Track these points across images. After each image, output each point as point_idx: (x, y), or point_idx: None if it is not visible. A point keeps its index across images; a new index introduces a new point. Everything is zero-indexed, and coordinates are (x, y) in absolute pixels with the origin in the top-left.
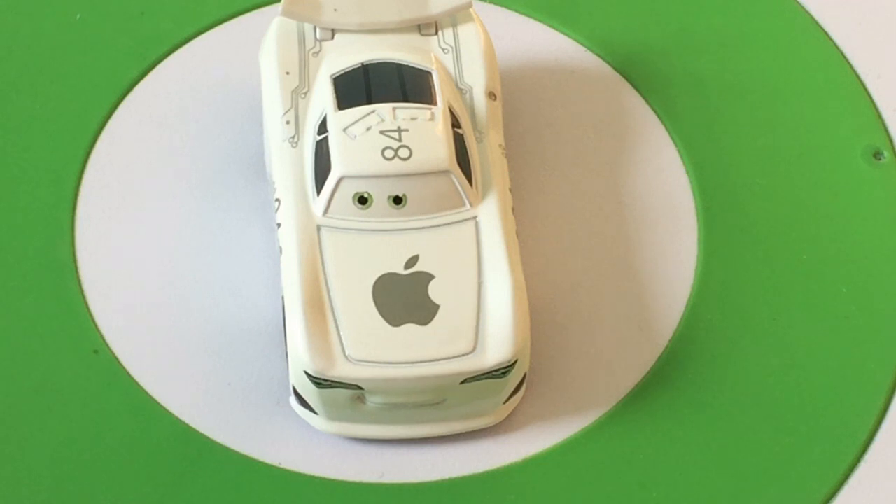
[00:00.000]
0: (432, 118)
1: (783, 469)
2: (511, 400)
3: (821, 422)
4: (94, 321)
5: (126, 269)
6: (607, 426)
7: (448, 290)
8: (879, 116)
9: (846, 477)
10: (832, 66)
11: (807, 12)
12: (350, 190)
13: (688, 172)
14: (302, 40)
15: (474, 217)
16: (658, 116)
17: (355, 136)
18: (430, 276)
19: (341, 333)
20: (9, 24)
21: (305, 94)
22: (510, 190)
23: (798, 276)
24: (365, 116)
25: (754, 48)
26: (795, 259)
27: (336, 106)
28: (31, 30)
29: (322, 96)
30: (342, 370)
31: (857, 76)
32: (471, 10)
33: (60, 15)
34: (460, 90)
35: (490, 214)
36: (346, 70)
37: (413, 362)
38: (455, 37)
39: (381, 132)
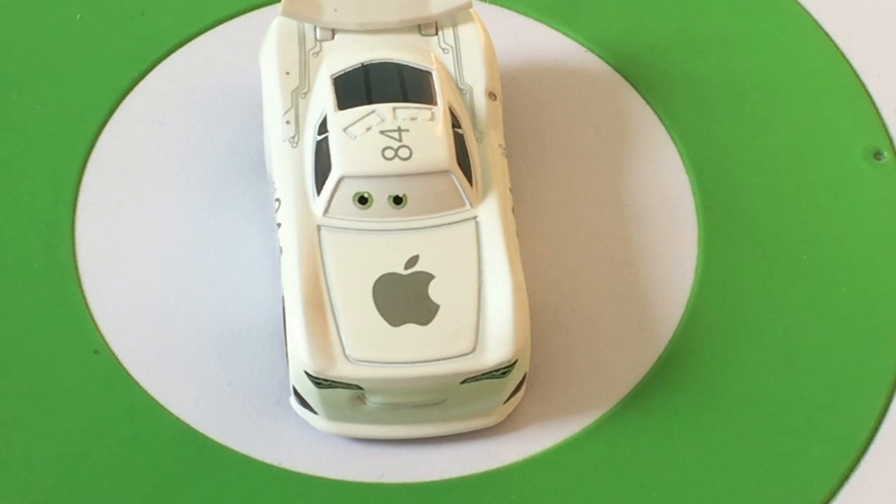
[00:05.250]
0: (432, 118)
1: (783, 469)
2: (511, 400)
3: (821, 422)
4: (94, 321)
5: (126, 269)
6: (607, 426)
7: (448, 290)
8: (879, 116)
9: (846, 477)
10: (832, 66)
11: (807, 12)
12: (350, 190)
13: (688, 172)
14: (302, 40)
15: (474, 217)
16: (658, 116)
17: (355, 136)
18: (430, 276)
19: (341, 333)
20: (9, 24)
21: (305, 94)
22: (510, 190)
23: (798, 276)
24: (365, 116)
25: (754, 48)
26: (795, 259)
27: (336, 106)
28: (31, 30)
29: (322, 96)
30: (342, 370)
31: (857, 76)
32: (471, 10)
33: (60, 15)
34: (460, 90)
35: (490, 214)
36: (347, 70)
37: (413, 362)
38: (455, 37)
39: (382, 132)
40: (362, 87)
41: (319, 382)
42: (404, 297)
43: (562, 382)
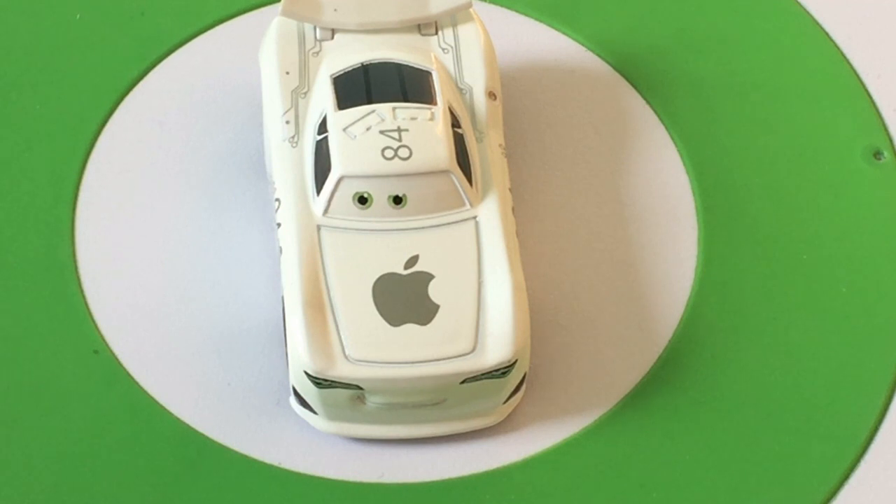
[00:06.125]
0: (432, 118)
1: (783, 469)
2: (511, 400)
3: (821, 422)
4: (94, 321)
5: (126, 269)
6: (607, 426)
7: (448, 290)
8: (879, 116)
9: (846, 477)
10: (832, 66)
11: (807, 12)
12: (350, 190)
13: (688, 172)
14: (302, 40)
15: (474, 217)
16: (658, 116)
17: (355, 136)
18: (430, 276)
19: (341, 333)
20: (9, 24)
21: (305, 93)
22: (510, 190)
23: (798, 276)
24: (365, 116)
25: (754, 48)
26: (795, 259)
27: (336, 106)
28: (31, 30)
29: (322, 96)
30: (342, 370)
31: (857, 76)
32: (471, 10)
33: (60, 15)
34: (460, 90)
35: (490, 214)
36: (346, 70)
37: (413, 362)
38: (455, 37)
39: (381, 132)
40: (362, 86)
41: (319, 382)
42: (404, 297)
43: (562, 382)
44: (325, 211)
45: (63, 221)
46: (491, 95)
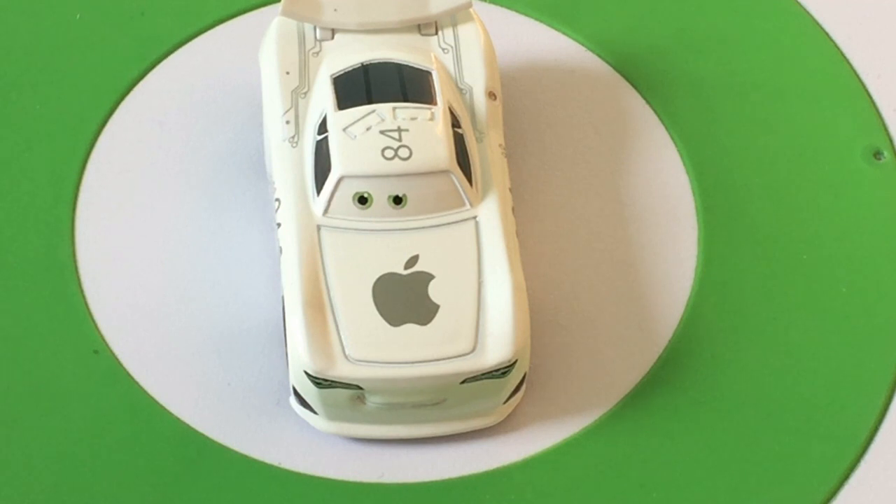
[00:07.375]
0: (432, 118)
1: (783, 469)
2: (511, 400)
3: (821, 422)
4: (94, 321)
5: (126, 269)
6: (607, 426)
7: (448, 290)
8: (879, 116)
9: (846, 477)
10: (832, 66)
11: (807, 12)
12: (350, 190)
13: (688, 172)
14: (302, 40)
15: (474, 217)
16: (658, 116)
17: (355, 136)
18: (430, 276)
19: (341, 333)
20: (9, 24)
21: (305, 93)
22: (510, 190)
23: (798, 276)
24: (365, 116)
25: (754, 48)
26: (795, 259)
27: (336, 106)
28: (31, 30)
29: (322, 96)
30: (342, 370)
31: (857, 76)
32: (471, 9)
33: (60, 15)
34: (460, 90)
35: (490, 214)
36: (346, 70)
37: (413, 362)
38: (455, 37)
39: (381, 132)
40: (362, 86)
41: (319, 382)
42: (404, 297)
43: (562, 382)
44: (325, 211)
45: (63, 221)
46: (491, 95)
